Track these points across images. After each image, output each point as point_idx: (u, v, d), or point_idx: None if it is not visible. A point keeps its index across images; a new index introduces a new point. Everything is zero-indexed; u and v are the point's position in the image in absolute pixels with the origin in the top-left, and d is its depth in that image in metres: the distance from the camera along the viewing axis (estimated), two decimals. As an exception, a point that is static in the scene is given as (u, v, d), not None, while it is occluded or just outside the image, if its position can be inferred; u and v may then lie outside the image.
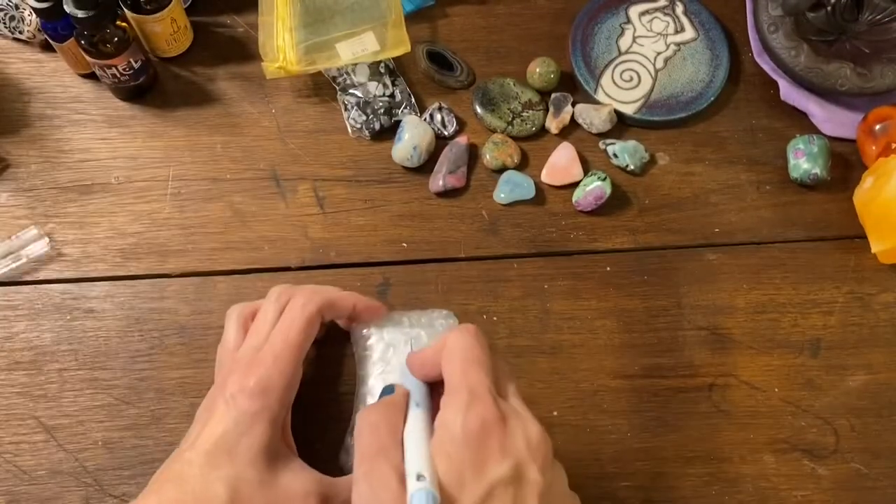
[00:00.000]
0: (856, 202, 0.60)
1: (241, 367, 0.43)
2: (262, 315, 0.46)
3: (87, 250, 0.57)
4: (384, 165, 0.61)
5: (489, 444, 0.36)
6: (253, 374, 0.42)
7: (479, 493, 0.35)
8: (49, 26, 0.58)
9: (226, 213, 0.59)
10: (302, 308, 0.45)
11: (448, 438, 0.36)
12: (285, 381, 0.43)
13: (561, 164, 0.61)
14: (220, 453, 0.40)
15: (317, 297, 0.46)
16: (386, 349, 0.48)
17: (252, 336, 0.46)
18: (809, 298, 0.58)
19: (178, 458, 0.42)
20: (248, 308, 0.48)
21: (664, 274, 0.58)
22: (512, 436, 0.37)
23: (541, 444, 0.37)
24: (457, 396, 0.37)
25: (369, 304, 0.49)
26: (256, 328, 0.46)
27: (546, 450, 0.38)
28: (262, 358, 0.43)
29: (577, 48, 0.65)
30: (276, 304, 0.47)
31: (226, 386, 0.42)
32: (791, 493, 0.52)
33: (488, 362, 0.39)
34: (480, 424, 0.36)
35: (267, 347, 0.44)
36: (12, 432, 0.51)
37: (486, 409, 0.37)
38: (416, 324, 0.49)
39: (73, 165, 0.60)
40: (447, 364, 0.39)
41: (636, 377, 0.55)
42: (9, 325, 0.54)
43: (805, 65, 0.62)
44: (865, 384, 0.55)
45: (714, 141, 0.64)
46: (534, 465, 0.36)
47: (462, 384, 0.38)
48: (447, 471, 0.35)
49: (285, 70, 0.61)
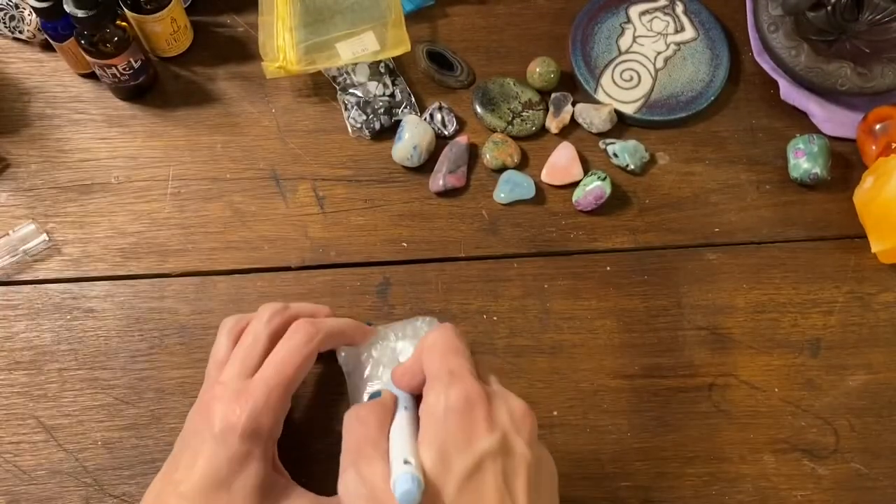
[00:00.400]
0: (856, 202, 0.60)
1: (229, 396, 0.42)
2: (251, 338, 0.45)
3: (87, 250, 0.57)
4: (384, 165, 0.61)
5: (474, 418, 0.36)
6: (243, 411, 0.41)
7: (467, 465, 0.35)
8: (49, 26, 0.58)
9: (226, 212, 0.59)
10: (303, 345, 0.44)
11: (432, 420, 0.36)
12: (276, 417, 0.42)
13: (561, 164, 0.61)
14: (215, 491, 0.40)
15: (320, 334, 0.45)
16: (375, 366, 0.48)
17: (238, 360, 0.44)
18: (809, 298, 0.58)
19: (171, 491, 0.41)
20: (242, 321, 0.47)
21: (664, 274, 0.58)
22: (497, 410, 0.37)
23: (525, 418, 0.38)
24: (438, 381, 0.38)
25: (362, 330, 0.48)
26: (245, 352, 0.44)
27: (531, 424, 0.38)
28: (252, 391, 0.42)
29: (577, 48, 0.65)
30: (267, 329, 0.45)
31: (212, 414, 0.41)
32: (791, 492, 0.52)
33: (467, 351, 0.40)
34: (464, 400, 0.36)
35: (259, 381, 0.42)
36: (12, 432, 0.51)
37: (468, 385, 0.37)
38: (401, 336, 0.49)
39: (73, 165, 0.60)
40: (427, 358, 0.39)
41: (636, 377, 0.55)
42: (9, 325, 0.54)
43: (805, 64, 0.62)
44: (865, 384, 0.55)
45: (714, 141, 0.64)
46: (520, 438, 0.37)
47: (442, 369, 0.38)
48: (433, 450, 0.35)
49: (285, 70, 0.61)
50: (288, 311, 0.47)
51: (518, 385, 0.54)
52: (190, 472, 0.40)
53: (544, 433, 0.52)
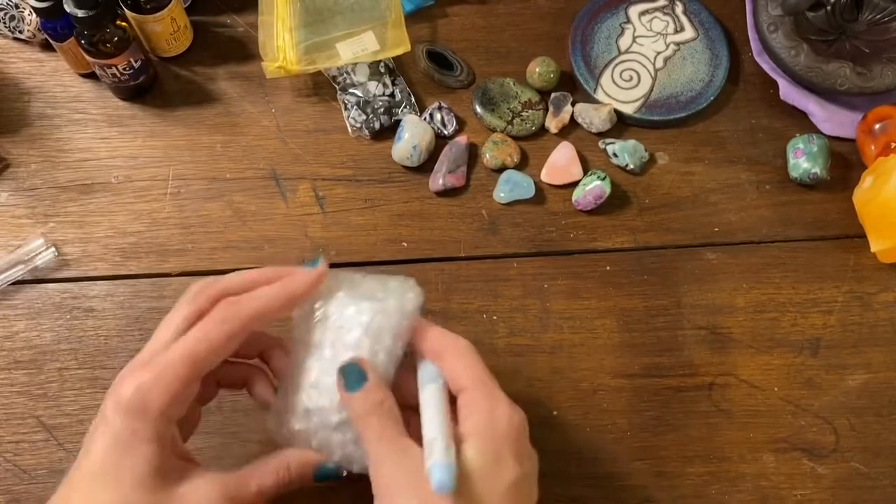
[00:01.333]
0: (855, 202, 0.60)
1: (126, 371, 0.39)
2: (171, 314, 0.41)
3: (87, 250, 0.57)
4: (384, 165, 0.61)
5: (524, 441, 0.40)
6: (130, 385, 0.37)
7: (514, 477, 0.38)
8: (49, 26, 0.58)
9: (226, 212, 0.59)
10: (216, 326, 0.39)
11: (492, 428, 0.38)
12: (171, 396, 0.37)
13: (561, 164, 0.61)
14: (103, 477, 0.37)
15: (242, 313, 0.39)
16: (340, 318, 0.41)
17: (154, 337, 0.40)
18: (809, 298, 0.58)
19: (67, 480, 0.38)
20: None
21: (664, 273, 0.58)
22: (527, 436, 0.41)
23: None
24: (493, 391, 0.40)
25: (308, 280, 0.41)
26: (161, 328, 0.41)
27: None
28: (149, 366, 0.38)
29: (577, 48, 0.65)
30: (189, 306, 0.41)
31: (109, 391, 0.38)
32: (791, 492, 0.52)
33: None
34: (524, 425, 0.40)
35: (160, 356, 0.38)
36: (12, 431, 0.51)
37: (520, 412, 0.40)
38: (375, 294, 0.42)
39: (73, 165, 0.60)
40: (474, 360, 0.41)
41: (636, 376, 0.55)
42: (9, 325, 0.54)
43: (805, 64, 0.62)
44: (865, 383, 0.55)
45: (714, 140, 0.64)
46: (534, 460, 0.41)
47: (491, 381, 0.40)
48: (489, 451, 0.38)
49: (285, 70, 0.61)
50: (214, 286, 0.42)
51: (518, 385, 0.54)
52: (81, 457, 0.38)
53: (544, 433, 0.52)
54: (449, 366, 0.40)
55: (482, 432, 0.38)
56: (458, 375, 0.40)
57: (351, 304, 0.42)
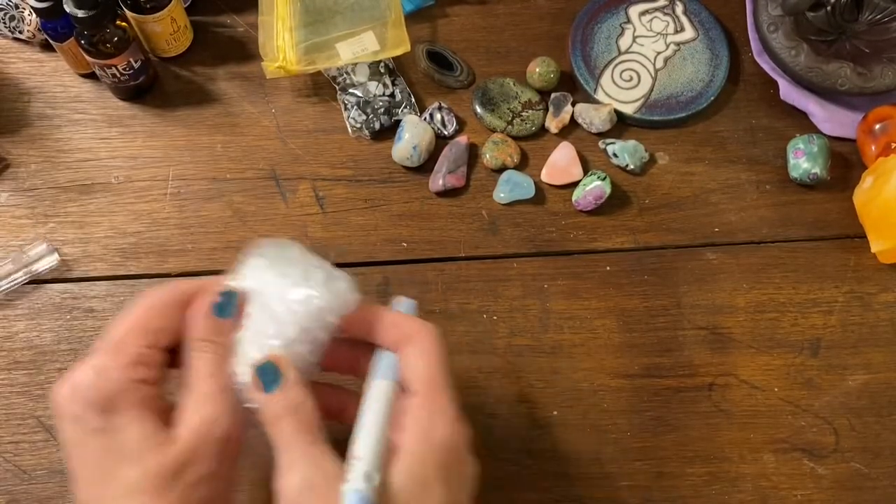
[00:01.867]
0: (855, 202, 0.60)
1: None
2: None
3: (87, 250, 0.57)
4: (384, 165, 0.61)
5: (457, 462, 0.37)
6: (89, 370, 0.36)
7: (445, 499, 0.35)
8: (49, 26, 0.58)
9: (226, 212, 0.59)
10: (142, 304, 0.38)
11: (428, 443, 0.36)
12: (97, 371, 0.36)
13: (561, 164, 0.61)
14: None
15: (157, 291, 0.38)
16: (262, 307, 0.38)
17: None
18: (809, 298, 0.58)
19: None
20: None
21: (664, 273, 0.58)
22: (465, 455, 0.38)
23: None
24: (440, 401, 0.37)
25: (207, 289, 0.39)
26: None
27: None
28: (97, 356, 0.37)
29: (577, 48, 0.65)
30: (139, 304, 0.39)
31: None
32: (791, 492, 0.52)
33: None
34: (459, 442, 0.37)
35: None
36: (12, 432, 0.51)
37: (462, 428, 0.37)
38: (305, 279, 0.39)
39: (73, 165, 0.60)
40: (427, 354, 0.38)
41: (636, 377, 0.55)
42: (9, 325, 0.54)
43: (805, 64, 0.62)
44: (865, 384, 0.55)
45: (714, 140, 0.64)
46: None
47: (443, 387, 0.37)
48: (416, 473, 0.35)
49: (285, 70, 0.61)
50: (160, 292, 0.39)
51: (518, 385, 0.54)
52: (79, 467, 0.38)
53: (544, 433, 0.52)
54: (405, 362, 0.38)
55: (415, 451, 0.36)
56: (410, 376, 0.38)
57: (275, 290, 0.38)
